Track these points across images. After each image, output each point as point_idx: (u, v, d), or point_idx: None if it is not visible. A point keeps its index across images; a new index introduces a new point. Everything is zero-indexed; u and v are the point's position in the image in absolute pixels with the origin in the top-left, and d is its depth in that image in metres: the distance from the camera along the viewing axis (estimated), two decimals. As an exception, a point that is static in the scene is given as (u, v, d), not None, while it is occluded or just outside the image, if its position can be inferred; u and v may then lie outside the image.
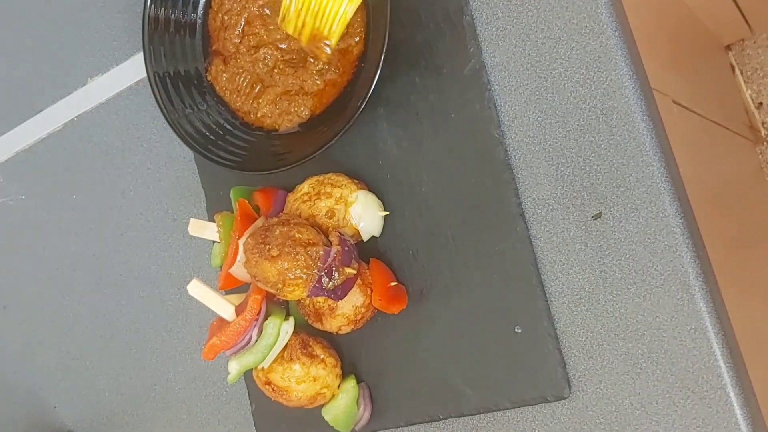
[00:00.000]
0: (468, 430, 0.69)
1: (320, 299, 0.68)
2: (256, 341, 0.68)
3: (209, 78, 0.75)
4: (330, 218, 0.69)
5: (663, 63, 0.88)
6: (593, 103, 0.62)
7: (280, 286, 0.64)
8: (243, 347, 0.69)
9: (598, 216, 0.62)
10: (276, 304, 0.71)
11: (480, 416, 0.68)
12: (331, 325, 0.69)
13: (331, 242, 0.66)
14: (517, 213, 0.64)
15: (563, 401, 0.64)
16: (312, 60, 0.71)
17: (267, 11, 0.73)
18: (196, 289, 0.69)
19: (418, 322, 0.69)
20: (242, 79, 0.74)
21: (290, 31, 0.70)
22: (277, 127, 0.73)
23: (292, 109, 0.72)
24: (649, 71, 0.64)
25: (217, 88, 0.75)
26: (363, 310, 0.68)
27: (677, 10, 1.11)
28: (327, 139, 0.66)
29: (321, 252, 0.64)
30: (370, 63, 0.67)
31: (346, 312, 0.68)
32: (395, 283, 0.69)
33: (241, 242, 0.68)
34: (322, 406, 0.70)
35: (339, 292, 0.65)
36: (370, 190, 0.71)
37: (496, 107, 0.65)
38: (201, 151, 0.72)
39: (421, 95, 0.68)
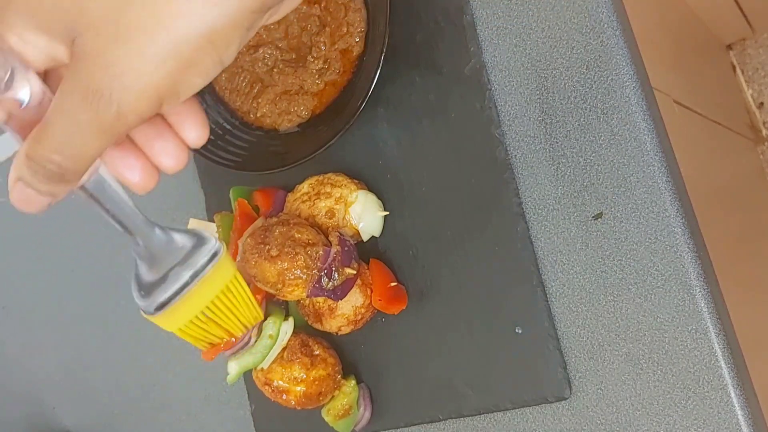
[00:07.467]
0: (468, 430, 0.68)
1: (320, 299, 0.68)
2: (256, 342, 0.68)
3: (208, 78, 0.75)
4: (330, 218, 0.68)
5: (664, 62, 0.88)
6: (594, 102, 0.61)
7: (279, 286, 0.64)
8: (242, 348, 0.68)
9: (598, 216, 0.62)
10: (276, 304, 0.71)
11: (480, 417, 0.68)
12: (331, 325, 0.69)
13: (330, 242, 0.66)
14: (518, 213, 0.64)
15: (564, 402, 0.63)
16: (312, 59, 0.70)
17: (266, 11, 0.73)
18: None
19: (418, 322, 0.69)
20: (241, 78, 0.73)
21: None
22: (276, 126, 0.73)
23: (292, 109, 0.71)
24: (649, 71, 0.63)
25: (216, 87, 0.74)
26: (363, 310, 0.68)
27: (678, 9, 1.10)
28: (327, 138, 0.66)
29: (321, 252, 0.64)
30: (369, 63, 0.67)
31: (346, 312, 0.68)
32: (395, 283, 0.69)
33: (240, 242, 0.68)
34: (322, 406, 0.70)
35: (339, 293, 0.65)
36: (370, 190, 0.70)
37: (496, 107, 0.65)
38: (200, 150, 0.71)
39: (421, 95, 0.68)
